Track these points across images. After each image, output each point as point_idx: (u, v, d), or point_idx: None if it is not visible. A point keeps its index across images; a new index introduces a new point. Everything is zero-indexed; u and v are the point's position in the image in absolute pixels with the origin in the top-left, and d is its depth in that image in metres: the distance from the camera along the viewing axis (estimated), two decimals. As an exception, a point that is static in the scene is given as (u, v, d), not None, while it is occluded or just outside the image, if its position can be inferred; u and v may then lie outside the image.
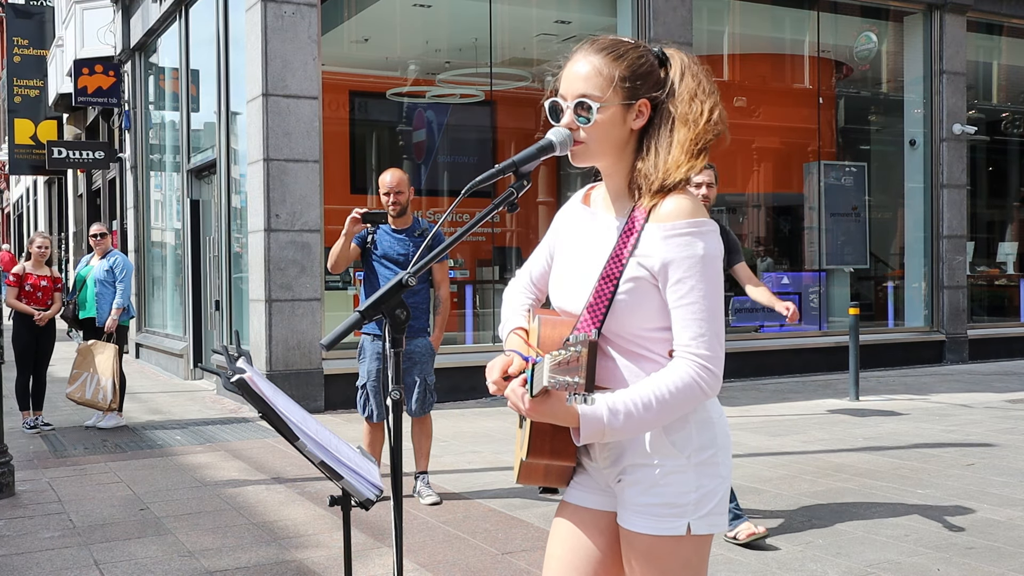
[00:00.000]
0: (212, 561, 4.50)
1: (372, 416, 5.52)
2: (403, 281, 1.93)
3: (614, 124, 1.91)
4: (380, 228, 5.52)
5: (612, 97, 1.90)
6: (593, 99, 1.89)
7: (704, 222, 1.87)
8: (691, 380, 1.83)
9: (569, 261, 2.03)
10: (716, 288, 1.86)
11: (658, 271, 1.86)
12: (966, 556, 4.41)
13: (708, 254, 1.86)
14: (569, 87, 1.93)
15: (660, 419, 1.85)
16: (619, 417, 1.81)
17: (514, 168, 1.94)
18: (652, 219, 1.89)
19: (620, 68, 1.91)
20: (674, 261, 1.85)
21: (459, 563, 4.43)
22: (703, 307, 1.84)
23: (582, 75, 1.92)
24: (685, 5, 10.83)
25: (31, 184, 30.89)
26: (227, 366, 2.19)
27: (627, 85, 1.91)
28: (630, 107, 1.92)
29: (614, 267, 1.89)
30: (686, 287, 1.84)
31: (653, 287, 1.88)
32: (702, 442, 1.92)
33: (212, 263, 11.35)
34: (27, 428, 8.13)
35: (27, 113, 19.60)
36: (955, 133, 12.75)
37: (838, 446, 7.05)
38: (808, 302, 12.38)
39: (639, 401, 1.82)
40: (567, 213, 2.12)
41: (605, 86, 1.90)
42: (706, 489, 1.92)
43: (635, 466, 1.93)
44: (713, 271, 1.86)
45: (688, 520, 1.90)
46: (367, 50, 11.63)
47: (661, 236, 1.86)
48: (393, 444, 2.02)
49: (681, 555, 1.93)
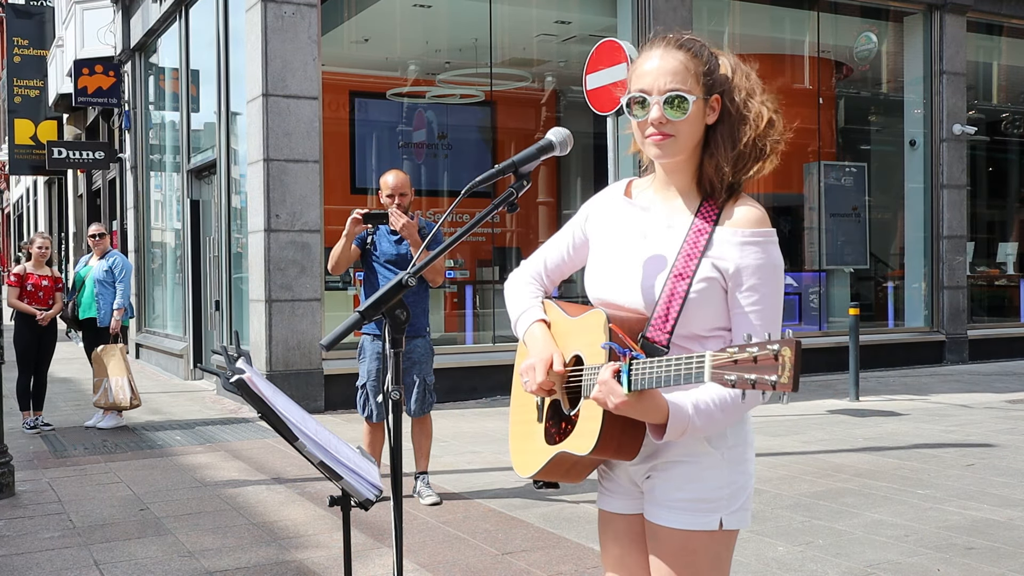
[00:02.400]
0: (212, 561, 4.50)
1: (372, 416, 5.53)
2: (403, 281, 1.93)
3: (698, 119, 1.94)
4: (379, 229, 5.52)
5: (699, 92, 1.93)
6: (686, 92, 1.91)
7: (773, 232, 1.94)
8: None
9: (623, 256, 2.01)
10: (780, 296, 1.94)
11: (731, 275, 1.90)
12: (966, 556, 4.41)
13: (778, 263, 1.93)
14: (655, 82, 1.92)
15: (729, 420, 1.90)
16: (702, 414, 1.84)
17: (514, 168, 1.94)
18: (725, 223, 1.92)
19: (700, 63, 1.94)
20: (748, 267, 1.89)
21: (459, 563, 4.43)
22: (767, 315, 1.90)
23: (670, 69, 1.92)
24: (685, 5, 10.83)
25: (31, 184, 30.89)
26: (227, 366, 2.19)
27: (707, 81, 1.94)
28: (707, 102, 1.95)
29: (687, 265, 1.91)
30: (757, 294, 1.89)
31: (722, 289, 1.91)
32: (735, 439, 1.97)
33: (212, 263, 11.36)
34: (27, 428, 8.13)
35: (27, 113, 19.61)
36: (955, 133, 12.75)
37: (838, 446, 7.05)
38: (808, 302, 12.38)
39: (718, 400, 1.85)
40: (604, 204, 2.10)
41: (693, 81, 1.92)
42: (737, 484, 1.96)
43: (669, 463, 1.95)
44: (779, 279, 1.93)
45: (721, 515, 1.94)
46: (367, 50, 11.62)
47: (736, 241, 1.90)
48: (393, 444, 2.03)
49: (712, 550, 1.95)
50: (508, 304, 2.18)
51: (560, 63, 12.42)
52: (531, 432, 2.10)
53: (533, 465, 2.05)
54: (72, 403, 9.64)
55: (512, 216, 11.77)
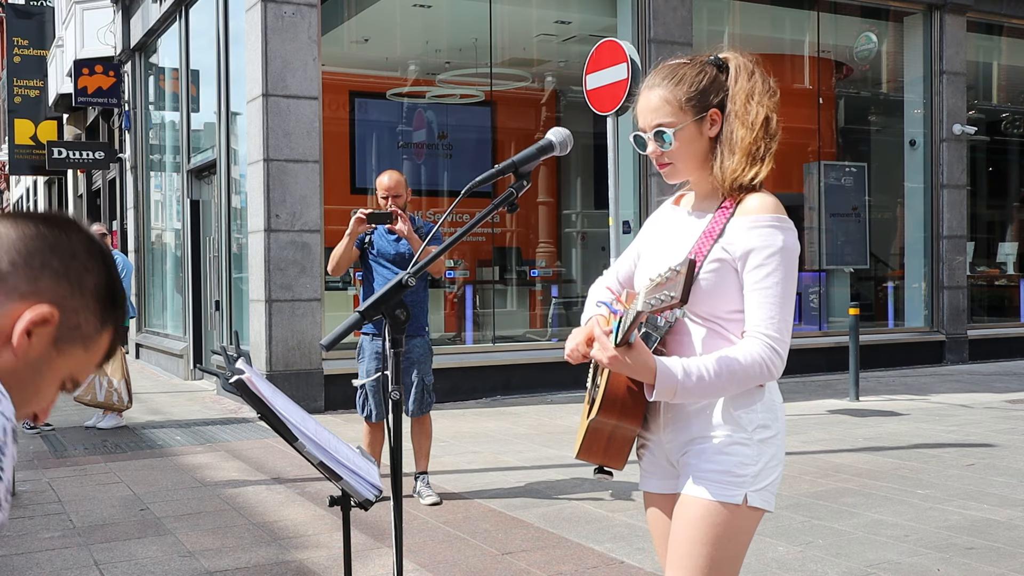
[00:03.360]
0: (212, 561, 4.50)
1: (371, 416, 5.53)
2: (403, 281, 1.93)
3: (692, 140, 2.09)
4: (377, 228, 5.52)
5: (684, 118, 2.08)
6: (667, 126, 2.08)
7: (785, 219, 2.05)
8: (759, 357, 1.97)
9: (657, 253, 2.17)
10: (791, 279, 2.02)
11: (740, 256, 2.01)
12: (966, 556, 4.40)
13: (787, 246, 2.02)
14: (645, 120, 2.12)
15: (726, 389, 1.98)
16: (692, 378, 1.94)
17: (514, 168, 1.95)
18: (738, 213, 2.05)
19: (682, 90, 2.09)
20: (756, 249, 2.01)
21: (459, 563, 4.43)
22: (777, 293, 1.99)
23: (652, 107, 2.10)
24: (685, 5, 10.82)
25: (31, 184, 30.89)
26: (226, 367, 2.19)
27: (694, 103, 2.08)
28: (703, 119, 2.08)
29: (700, 249, 2.04)
30: (763, 272, 2.00)
31: (733, 271, 2.02)
32: (765, 421, 2.06)
33: (212, 263, 11.36)
34: (27, 428, 8.14)
35: (27, 113, 19.60)
36: (955, 133, 12.75)
37: (838, 446, 7.05)
38: (808, 302, 12.38)
39: (712, 368, 1.95)
40: (657, 216, 2.30)
41: (676, 111, 2.08)
42: (765, 464, 2.04)
43: (702, 437, 2.05)
44: (790, 262, 2.02)
45: (746, 491, 2.02)
46: (367, 50, 11.62)
47: (746, 227, 2.02)
48: (393, 444, 2.03)
49: (733, 524, 2.03)
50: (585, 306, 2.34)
51: (560, 63, 12.42)
52: (583, 416, 2.27)
53: (577, 443, 2.19)
54: (72, 403, 9.63)
55: (512, 216, 11.77)
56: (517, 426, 7.97)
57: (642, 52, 10.42)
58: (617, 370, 1.96)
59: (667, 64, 2.15)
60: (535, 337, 11.53)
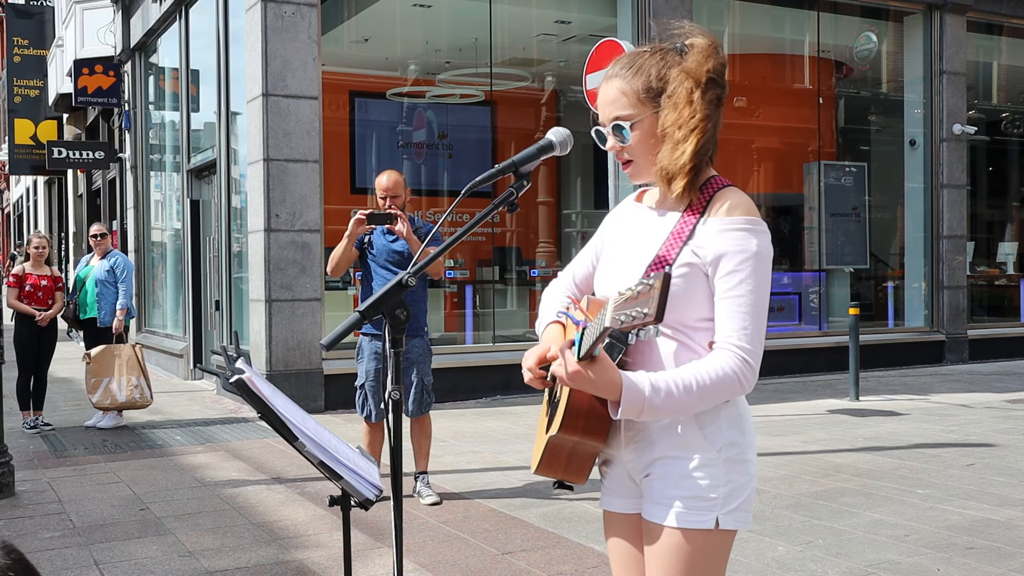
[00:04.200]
0: (212, 561, 4.50)
1: (371, 416, 5.52)
2: (403, 281, 1.93)
3: (651, 134, 1.96)
4: (376, 229, 5.51)
5: (642, 110, 1.95)
6: (624, 119, 1.96)
7: (759, 221, 1.92)
8: (731, 371, 1.85)
9: (620, 252, 2.05)
10: (764, 286, 1.90)
11: (710, 261, 1.89)
12: (966, 556, 4.40)
13: (761, 251, 1.89)
14: (604, 114, 2.00)
15: (696, 405, 1.86)
16: (660, 394, 1.82)
17: (514, 168, 1.94)
18: (709, 214, 1.92)
19: (640, 80, 1.96)
20: (727, 254, 1.88)
21: (459, 563, 4.43)
22: (749, 301, 1.87)
23: (610, 99, 1.99)
24: (685, 5, 10.82)
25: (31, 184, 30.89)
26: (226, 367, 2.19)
27: (653, 94, 1.95)
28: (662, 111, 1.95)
29: (668, 252, 1.92)
30: (736, 279, 1.87)
31: (704, 276, 1.90)
32: (732, 437, 1.94)
33: (212, 263, 11.35)
34: (27, 428, 8.13)
35: (27, 113, 19.61)
36: (955, 133, 12.75)
37: (838, 446, 7.05)
38: (808, 302, 12.38)
39: (680, 383, 1.83)
40: (617, 213, 2.16)
41: (634, 103, 1.96)
42: (735, 484, 1.94)
43: (665, 459, 1.93)
44: (763, 269, 1.90)
45: (716, 514, 1.92)
46: (367, 50, 11.62)
47: (717, 229, 1.89)
48: (393, 444, 2.02)
49: (707, 550, 1.93)
50: (540, 311, 2.22)
51: (560, 63, 12.42)
52: (542, 428, 2.14)
53: (536, 458, 2.07)
54: (72, 403, 9.64)
55: (512, 216, 11.77)
56: (517, 426, 7.97)
57: (642, 52, 10.40)
58: (579, 387, 1.82)
59: (628, 53, 2.02)
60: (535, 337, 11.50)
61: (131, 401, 8.06)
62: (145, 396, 8.12)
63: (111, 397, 8.01)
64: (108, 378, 8.01)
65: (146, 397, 8.13)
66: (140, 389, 8.06)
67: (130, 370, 8.04)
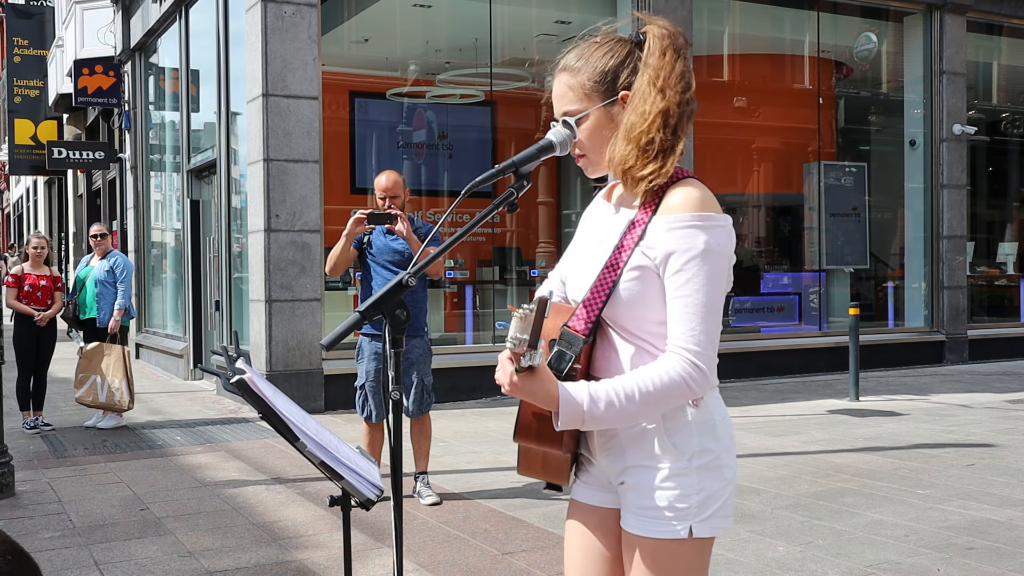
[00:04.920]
0: (212, 561, 4.50)
1: (371, 416, 5.52)
2: (403, 281, 1.93)
3: (602, 127, 1.92)
4: (376, 229, 5.51)
5: (589, 104, 1.92)
6: (572, 114, 1.93)
7: (710, 216, 1.83)
8: (677, 376, 1.80)
9: (580, 253, 2.03)
10: (715, 284, 1.82)
11: (660, 262, 1.84)
12: (966, 556, 4.40)
13: (709, 248, 1.81)
14: (555, 111, 1.98)
15: (643, 412, 1.82)
16: (599, 405, 1.78)
17: (514, 168, 1.94)
18: (660, 211, 1.86)
19: (586, 74, 1.92)
20: (675, 252, 1.82)
21: (459, 563, 4.43)
22: (698, 301, 1.81)
23: (558, 94, 1.96)
24: (685, 5, 10.82)
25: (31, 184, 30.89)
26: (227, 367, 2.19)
27: (601, 87, 1.91)
28: (613, 103, 1.91)
29: (618, 256, 1.88)
30: (682, 279, 1.81)
31: (657, 277, 1.85)
32: (703, 444, 1.89)
33: (212, 263, 11.35)
34: (27, 428, 8.13)
35: (27, 113, 19.61)
36: (955, 133, 12.75)
37: (838, 446, 7.05)
38: (808, 302, 12.37)
39: (622, 392, 1.78)
40: (590, 210, 2.12)
41: (581, 97, 1.92)
42: (708, 492, 1.89)
43: (637, 467, 1.91)
44: (713, 266, 1.82)
45: (690, 523, 1.88)
46: (367, 50, 11.62)
47: (665, 227, 1.83)
48: (393, 444, 2.02)
49: (683, 559, 1.91)
50: None
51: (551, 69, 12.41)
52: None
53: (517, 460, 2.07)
54: (72, 403, 9.63)
55: (512, 216, 11.77)
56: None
57: (642, 52, 10.41)
58: (521, 397, 1.80)
59: (573, 48, 1.96)
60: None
61: (109, 403, 8.06)
62: (123, 400, 8.08)
63: (93, 395, 8.03)
64: (95, 376, 8.03)
65: (124, 401, 8.09)
66: (120, 392, 8.05)
67: (115, 372, 8.04)
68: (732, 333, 11.68)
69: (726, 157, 12.96)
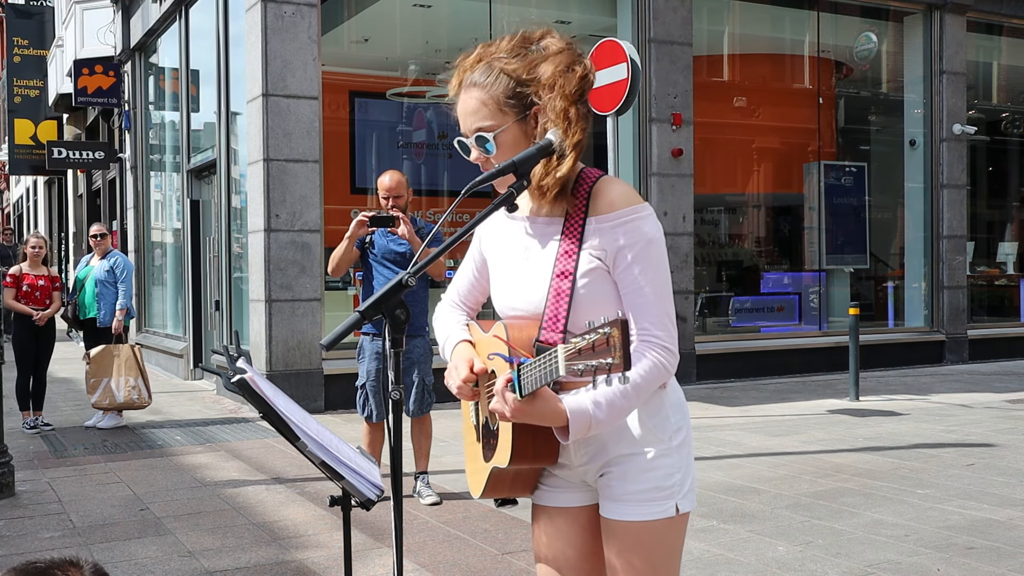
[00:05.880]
0: (212, 561, 4.50)
1: (372, 416, 5.52)
2: (403, 281, 1.93)
3: (517, 142, 1.95)
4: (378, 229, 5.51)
5: (504, 119, 1.93)
6: (487, 131, 1.94)
7: (642, 207, 1.92)
8: (655, 362, 1.88)
9: (512, 266, 2.04)
10: (662, 270, 1.92)
11: (609, 259, 1.90)
12: (966, 556, 4.41)
13: (652, 238, 1.91)
14: (465, 125, 1.97)
15: (634, 405, 1.90)
16: (603, 407, 1.84)
17: (514, 168, 1.94)
18: (592, 211, 1.92)
19: (499, 89, 1.93)
20: (622, 248, 1.89)
21: (459, 563, 4.43)
22: (652, 290, 1.90)
23: (470, 110, 1.95)
24: (685, 5, 10.82)
25: (31, 184, 30.89)
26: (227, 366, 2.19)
27: (513, 102, 1.93)
28: (525, 119, 1.94)
29: (566, 262, 1.92)
30: (635, 271, 1.89)
31: (608, 275, 1.92)
32: (678, 423, 1.98)
33: (212, 263, 11.35)
34: (27, 428, 8.13)
35: (27, 113, 19.60)
36: (955, 133, 12.75)
37: (838, 446, 7.05)
38: (808, 302, 12.37)
39: (617, 389, 1.84)
40: (491, 223, 2.12)
41: (494, 112, 1.93)
42: (685, 468, 1.98)
43: (621, 457, 1.95)
44: (658, 253, 1.91)
45: (676, 501, 1.96)
46: (367, 50, 11.62)
47: (607, 227, 1.90)
48: (393, 444, 2.02)
49: (670, 537, 1.97)
50: (436, 334, 2.21)
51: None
52: (475, 453, 2.16)
53: (479, 484, 2.09)
54: (72, 403, 9.64)
55: (512, 216, 11.76)
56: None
57: (642, 52, 10.43)
58: (524, 420, 1.83)
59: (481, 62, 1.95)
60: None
61: (128, 401, 8.07)
62: (143, 397, 8.12)
63: (110, 397, 8.01)
64: (107, 378, 8.02)
65: (144, 398, 8.13)
66: (138, 390, 8.06)
67: (128, 371, 8.05)
68: (732, 333, 11.68)
69: (726, 157, 12.95)
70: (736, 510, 5.25)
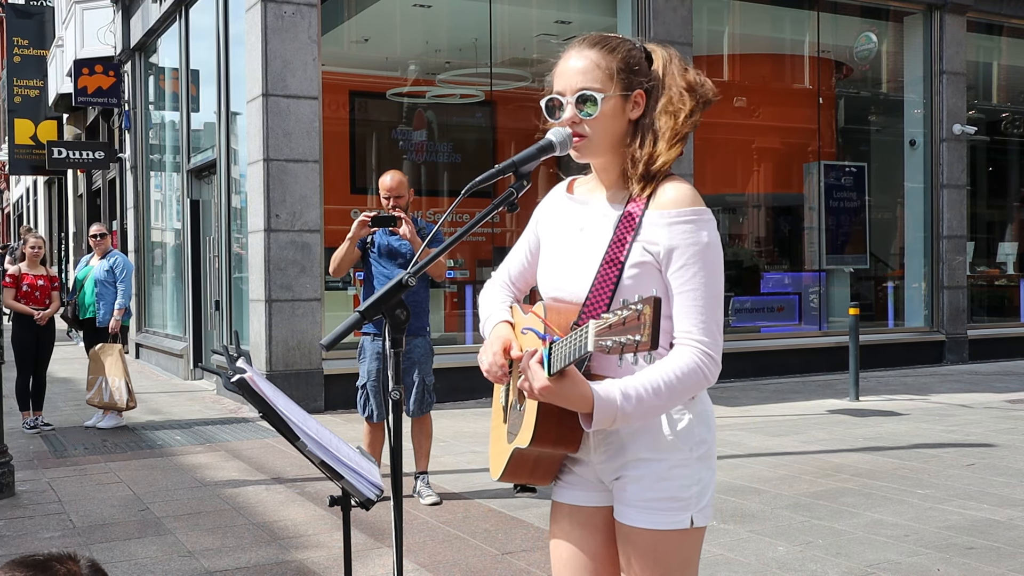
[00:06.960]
0: (212, 561, 4.50)
1: (372, 416, 5.52)
2: (403, 281, 1.93)
3: (615, 116, 1.94)
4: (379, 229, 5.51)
5: (612, 88, 1.92)
6: (595, 91, 1.92)
7: (705, 211, 1.90)
8: (695, 366, 1.85)
9: (563, 249, 2.03)
10: (717, 276, 1.89)
11: (663, 257, 1.88)
12: (966, 556, 4.41)
13: (711, 242, 1.88)
14: (568, 83, 1.95)
15: (667, 405, 1.86)
16: (631, 401, 1.80)
17: (514, 168, 1.94)
18: (653, 206, 1.91)
19: (616, 60, 1.94)
20: (678, 247, 1.87)
21: (459, 563, 4.43)
22: (704, 294, 1.87)
23: (580, 69, 1.94)
24: (685, 5, 10.82)
25: (31, 184, 30.90)
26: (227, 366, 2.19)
27: (624, 77, 1.94)
28: (627, 98, 1.94)
29: (617, 251, 1.90)
30: (689, 273, 1.87)
31: (657, 272, 1.89)
32: (702, 435, 1.94)
33: (212, 263, 11.35)
34: (27, 428, 8.13)
35: (27, 113, 19.60)
36: (955, 133, 12.75)
37: (838, 446, 7.05)
38: (808, 302, 12.37)
39: (649, 386, 1.81)
40: (550, 205, 2.12)
41: (605, 78, 1.92)
42: (704, 482, 1.94)
43: (639, 461, 1.92)
44: (714, 259, 1.88)
45: (691, 513, 1.92)
46: (367, 50, 11.62)
47: (665, 223, 1.88)
48: (393, 444, 2.02)
49: (684, 549, 1.94)
50: (480, 310, 2.19)
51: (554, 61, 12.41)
52: (500, 435, 2.12)
53: (499, 466, 2.05)
54: (72, 403, 9.64)
55: (512, 216, 11.76)
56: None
57: (642, 52, 10.41)
58: (549, 401, 1.80)
59: (599, 33, 1.99)
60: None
61: (112, 402, 8.08)
62: (122, 399, 8.08)
63: (99, 396, 8.07)
64: (101, 377, 8.07)
65: (122, 400, 8.09)
66: (119, 392, 8.07)
67: (114, 371, 8.07)
68: (732, 333, 11.67)
69: (726, 157, 12.95)
70: (736, 510, 5.25)
